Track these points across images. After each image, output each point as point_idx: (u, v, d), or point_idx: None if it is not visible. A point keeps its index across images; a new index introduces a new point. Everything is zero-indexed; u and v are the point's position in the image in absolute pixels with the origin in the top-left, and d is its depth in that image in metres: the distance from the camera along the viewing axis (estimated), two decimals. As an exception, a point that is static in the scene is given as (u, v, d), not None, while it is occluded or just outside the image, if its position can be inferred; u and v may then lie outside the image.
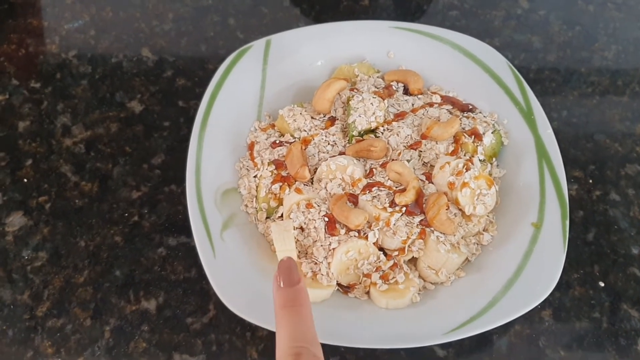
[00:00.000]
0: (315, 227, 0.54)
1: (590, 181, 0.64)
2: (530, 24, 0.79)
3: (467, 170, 0.55)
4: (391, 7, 0.80)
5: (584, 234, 0.60)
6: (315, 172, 0.58)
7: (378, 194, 0.55)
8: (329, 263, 0.52)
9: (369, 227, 0.54)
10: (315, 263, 0.53)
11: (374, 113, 0.59)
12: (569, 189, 0.59)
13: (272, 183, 0.57)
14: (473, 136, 0.59)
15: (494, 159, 0.60)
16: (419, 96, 0.64)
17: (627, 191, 0.63)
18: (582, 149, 0.67)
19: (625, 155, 0.66)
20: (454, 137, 0.59)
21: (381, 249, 0.54)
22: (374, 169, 0.57)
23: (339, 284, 0.53)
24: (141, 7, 0.78)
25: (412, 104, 0.63)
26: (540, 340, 0.54)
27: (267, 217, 0.57)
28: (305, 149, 0.59)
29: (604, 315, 0.56)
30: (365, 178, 0.57)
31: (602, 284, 0.57)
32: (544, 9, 0.81)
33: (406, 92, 0.65)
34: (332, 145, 0.60)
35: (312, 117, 0.61)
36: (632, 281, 0.58)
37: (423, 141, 0.59)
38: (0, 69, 0.71)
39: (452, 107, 0.63)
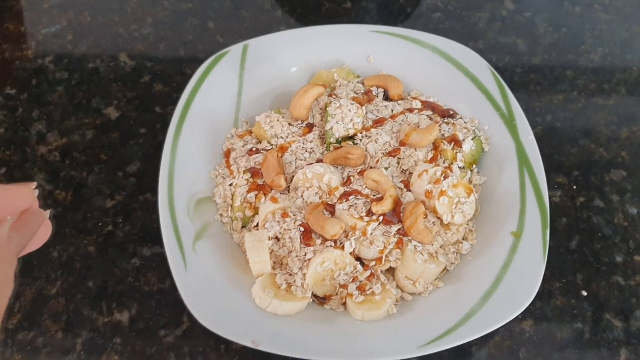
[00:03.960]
0: (290, 237, 0.53)
1: (574, 187, 0.63)
2: (515, 26, 0.78)
3: (445, 178, 0.54)
4: (374, 9, 0.79)
5: (567, 241, 0.59)
6: (291, 180, 0.57)
7: (355, 203, 0.54)
8: (304, 274, 0.51)
9: (346, 236, 0.53)
10: (290, 274, 0.52)
11: (351, 120, 0.58)
12: (552, 195, 0.58)
13: (248, 192, 0.56)
14: (452, 143, 0.58)
15: (474, 166, 0.59)
16: (399, 102, 0.63)
17: (611, 197, 0.62)
18: (566, 154, 0.65)
19: (610, 161, 0.65)
20: (433, 143, 0.58)
21: (358, 258, 0.53)
22: (351, 177, 0.56)
23: (314, 295, 0.52)
24: (120, 12, 0.77)
25: (392, 110, 0.62)
26: (521, 351, 0.53)
27: (242, 227, 0.56)
28: (281, 157, 0.58)
29: (586, 325, 0.54)
30: (343, 186, 0.56)
31: (584, 293, 0.56)
32: (529, 10, 0.79)
33: (386, 97, 0.64)
34: (310, 153, 0.59)
35: (289, 124, 0.60)
36: (616, 290, 0.56)
37: (402, 148, 0.58)
38: (-25, 75, 0.70)
39: (432, 112, 0.61)
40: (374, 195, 0.55)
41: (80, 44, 0.74)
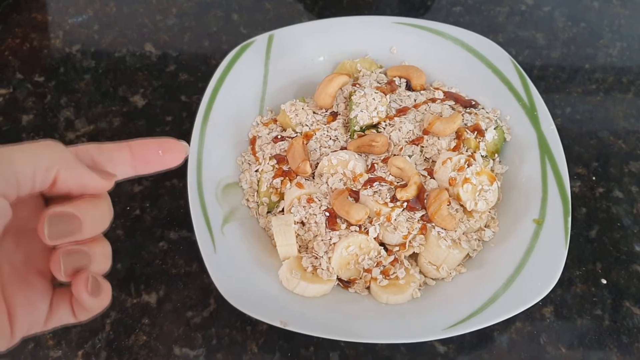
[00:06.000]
0: (316, 222, 0.54)
1: (594, 178, 0.64)
2: (534, 20, 0.78)
3: (469, 166, 0.55)
4: (395, 2, 0.80)
5: (587, 230, 0.60)
6: (316, 166, 0.58)
7: (379, 189, 0.55)
8: (329, 258, 0.52)
9: (370, 222, 0.54)
10: (316, 258, 0.53)
11: (375, 108, 0.59)
12: (572, 186, 0.59)
13: (274, 177, 0.57)
14: (475, 132, 0.59)
15: (496, 155, 0.60)
16: (422, 92, 0.64)
17: (630, 188, 0.63)
18: (585, 146, 0.66)
19: (629, 153, 0.66)
20: (456, 132, 0.59)
21: (382, 244, 0.54)
22: (375, 164, 0.57)
23: (339, 279, 0.53)
24: (145, 2, 0.79)
25: (415, 100, 0.63)
26: (542, 337, 0.54)
27: (268, 212, 0.57)
28: (306, 144, 0.59)
29: (606, 312, 0.55)
30: (367, 173, 0.57)
31: (604, 281, 0.57)
32: (548, 5, 0.80)
33: (409, 87, 0.65)
34: (334, 140, 0.60)
35: (314, 112, 0.61)
36: (635, 279, 0.57)
37: (425, 137, 0.59)
38: (4, 63, 0.72)
39: (454, 102, 0.62)
40: (398, 182, 0.56)
41: (107, 33, 0.75)
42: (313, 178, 0.58)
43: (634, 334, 0.54)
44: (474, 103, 0.63)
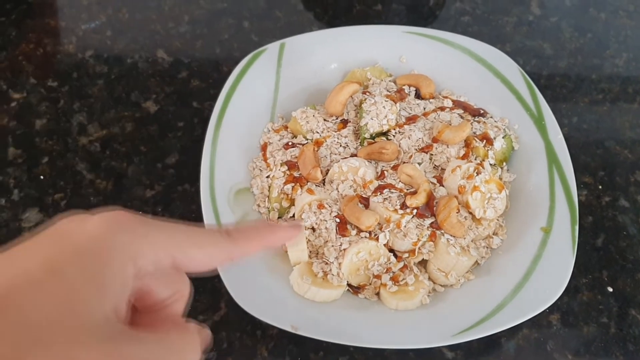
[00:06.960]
0: (326, 228, 0.55)
1: (600, 187, 0.64)
2: (541, 30, 0.79)
3: (477, 174, 0.56)
4: (404, 12, 0.81)
5: (593, 239, 0.61)
6: (327, 173, 0.59)
7: (389, 196, 0.56)
8: (339, 263, 0.53)
9: (380, 228, 0.55)
10: (326, 263, 0.54)
11: (385, 116, 0.60)
12: (578, 195, 0.60)
13: (285, 183, 0.58)
14: (484, 140, 0.59)
15: (504, 164, 0.61)
16: (431, 100, 0.65)
17: (636, 197, 0.64)
18: (592, 155, 0.67)
19: (635, 162, 0.67)
20: (465, 141, 0.60)
21: (391, 250, 0.55)
22: (385, 171, 0.58)
23: (349, 285, 0.54)
24: (157, 9, 0.80)
25: (424, 108, 0.64)
26: (548, 344, 0.54)
27: (279, 217, 0.58)
28: (317, 151, 0.60)
29: (612, 320, 0.56)
30: (377, 180, 0.57)
31: (610, 289, 0.58)
32: (555, 15, 0.81)
33: (418, 96, 0.65)
34: (344, 147, 0.61)
35: (324, 120, 0.62)
36: (641, 287, 0.58)
37: (434, 145, 0.60)
38: (18, 68, 0.73)
39: (463, 111, 0.63)
40: (407, 189, 0.56)
41: (119, 39, 0.76)
42: (323, 184, 0.59)
43: (640, 342, 0.55)
44: (482, 112, 0.63)
